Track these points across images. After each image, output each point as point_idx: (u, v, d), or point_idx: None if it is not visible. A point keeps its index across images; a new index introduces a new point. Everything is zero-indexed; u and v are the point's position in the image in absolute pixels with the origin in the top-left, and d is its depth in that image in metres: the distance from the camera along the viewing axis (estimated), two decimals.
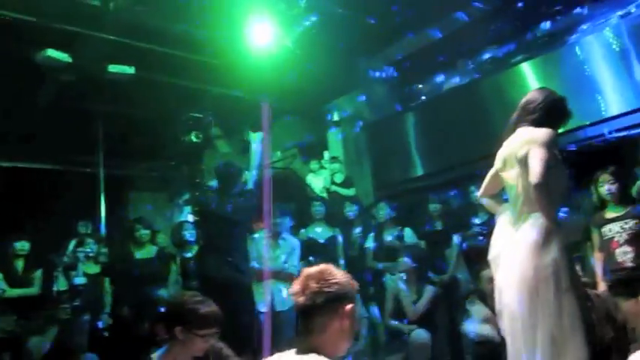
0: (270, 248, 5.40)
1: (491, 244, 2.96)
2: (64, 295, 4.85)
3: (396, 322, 5.12)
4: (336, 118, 7.89)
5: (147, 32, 6.17)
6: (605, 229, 4.13)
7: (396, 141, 7.42)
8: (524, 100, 2.98)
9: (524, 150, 2.77)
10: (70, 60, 6.09)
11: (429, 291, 5.16)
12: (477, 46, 7.46)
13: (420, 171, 7.17)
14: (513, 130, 2.95)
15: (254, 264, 5.28)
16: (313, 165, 7.83)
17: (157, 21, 6.08)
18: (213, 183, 5.65)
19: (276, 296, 5.20)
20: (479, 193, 3.22)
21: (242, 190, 5.20)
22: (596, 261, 4.19)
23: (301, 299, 1.90)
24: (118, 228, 7.51)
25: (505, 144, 2.96)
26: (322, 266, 1.99)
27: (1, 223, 6.30)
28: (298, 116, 8.09)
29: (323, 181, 7.45)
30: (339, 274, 1.96)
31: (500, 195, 3.15)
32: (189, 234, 6.03)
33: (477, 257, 4.95)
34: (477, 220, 5.45)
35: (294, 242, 5.51)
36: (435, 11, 7.08)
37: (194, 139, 7.77)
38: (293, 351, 1.92)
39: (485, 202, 3.19)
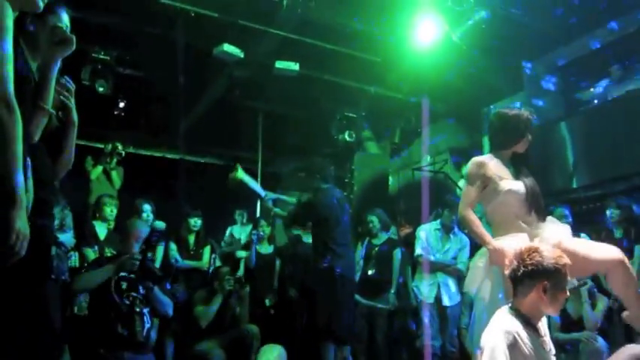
0: (441, 241, 5.30)
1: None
2: (228, 267, 5.07)
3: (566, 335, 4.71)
4: None
5: (314, 28, 6.39)
6: None
7: (558, 148, 6.93)
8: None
9: None
10: (242, 55, 6.42)
11: (603, 302, 4.74)
12: None
13: (584, 180, 6.63)
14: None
15: (422, 254, 5.19)
16: (465, 170, 7.55)
17: (326, 17, 6.26)
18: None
19: (443, 290, 5.11)
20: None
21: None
22: None
23: (507, 271, 2.45)
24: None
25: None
26: (529, 245, 2.47)
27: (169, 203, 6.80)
28: (453, 119, 7.89)
29: None
30: (541, 254, 2.36)
31: None
32: None
33: None
34: None
35: (464, 239, 5.35)
36: (609, 12, 6.61)
37: (347, 139, 7.87)
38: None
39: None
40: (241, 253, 5.53)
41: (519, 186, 2.93)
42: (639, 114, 6.23)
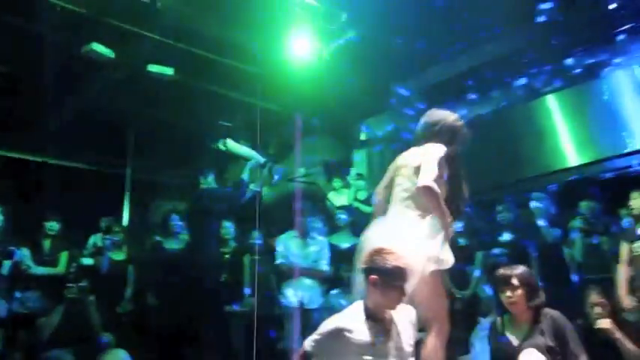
0: (300, 247, 5.45)
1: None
2: (71, 275, 4.89)
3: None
4: (363, 138, 7.97)
5: (189, 35, 6.33)
6: (637, 244, 4.12)
7: None
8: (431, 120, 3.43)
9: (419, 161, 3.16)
10: (112, 56, 6.22)
11: None
12: (507, 76, 7.62)
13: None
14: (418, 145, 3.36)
15: (283, 261, 5.33)
16: (336, 183, 7.88)
17: (201, 24, 6.26)
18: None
19: (305, 294, 5.25)
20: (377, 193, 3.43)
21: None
22: (622, 274, 4.17)
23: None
24: (141, 228, 7.55)
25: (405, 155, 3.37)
26: (382, 246, 2.73)
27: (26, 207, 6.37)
28: (325, 134, 8.18)
29: (346, 198, 7.47)
30: (380, 254, 2.67)
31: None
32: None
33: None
34: (501, 239, 5.48)
35: (323, 241, 5.57)
36: (467, 41, 7.27)
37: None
38: None
39: (377, 201, 3.43)
40: (87, 261, 5.32)
41: None
42: (484, 136, 6.99)
